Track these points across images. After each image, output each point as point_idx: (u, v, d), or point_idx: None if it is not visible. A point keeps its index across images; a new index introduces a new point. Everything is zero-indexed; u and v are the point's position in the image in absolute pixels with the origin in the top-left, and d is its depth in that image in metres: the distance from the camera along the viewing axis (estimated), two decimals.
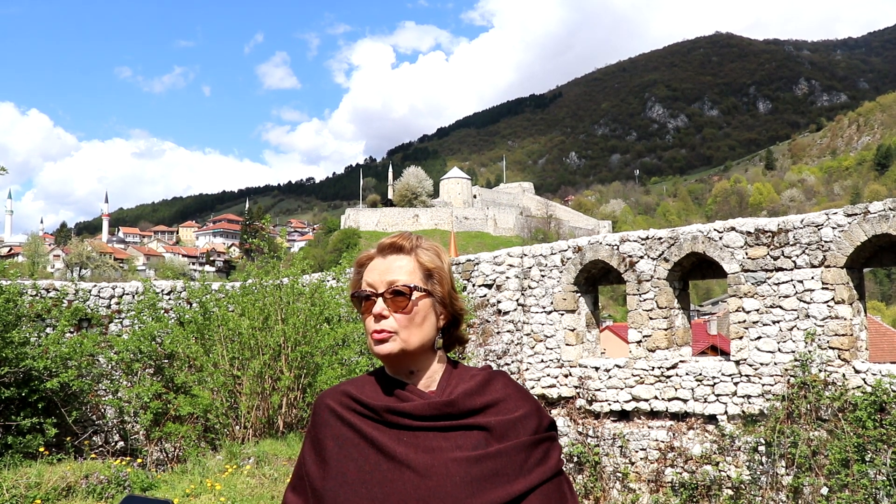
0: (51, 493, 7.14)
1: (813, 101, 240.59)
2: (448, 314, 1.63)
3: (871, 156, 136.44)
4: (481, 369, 1.63)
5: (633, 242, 9.26)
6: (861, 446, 7.16)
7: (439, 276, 1.61)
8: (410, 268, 1.59)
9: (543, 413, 1.57)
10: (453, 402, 1.52)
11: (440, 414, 1.50)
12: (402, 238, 1.63)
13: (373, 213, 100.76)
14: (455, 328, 1.67)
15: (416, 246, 1.62)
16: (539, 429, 1.53)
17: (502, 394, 1.56)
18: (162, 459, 9.86)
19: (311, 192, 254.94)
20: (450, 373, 1.61)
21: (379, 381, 1.60)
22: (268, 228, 73.80)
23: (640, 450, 8.90)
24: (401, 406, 1.52)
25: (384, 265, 1.59)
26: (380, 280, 1.57)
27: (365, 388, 1.59)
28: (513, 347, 10.23)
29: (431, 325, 1.59)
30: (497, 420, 1.50)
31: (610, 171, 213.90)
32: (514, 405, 1.54)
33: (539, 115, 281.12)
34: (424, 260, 1.61)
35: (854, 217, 7.61)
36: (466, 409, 1.52)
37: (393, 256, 1.61)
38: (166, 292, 12.03)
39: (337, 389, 1.62)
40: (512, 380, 1.62)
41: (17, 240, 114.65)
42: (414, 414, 1.50)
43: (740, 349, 8.23)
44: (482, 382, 1.57)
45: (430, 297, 1.59)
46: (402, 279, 1.56)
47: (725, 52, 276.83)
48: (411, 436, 1.49)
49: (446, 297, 1.61)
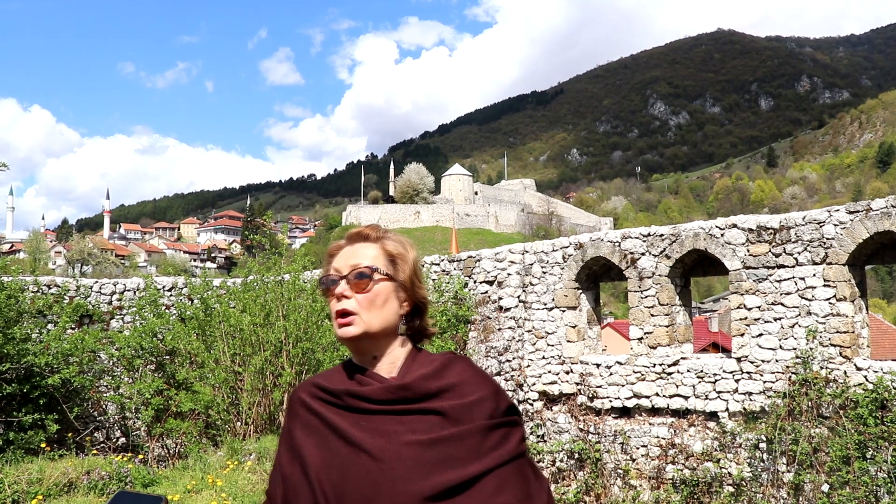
0: (52, 488, 7.15)
1: (815, 99, 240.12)
2: (411, 301, 1.68)
3: (873, 153, 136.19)
4: (442, 354, 1.65)
5: (634, 239, 9.25)
6: (862, 443, 7.15)
7: (402, 262, 1.67)
8: (374, 254, 1.65)
9: (502, 396, 1.58)
10: (408, 385, 1.55)
11: (396, 398, 1.53)
12: (369, 228, 1.71)
13: (374, 210, 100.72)
14: (419, 318, 1.71)
15: (382, 236, 1.70)
16: (496, 412, 1.53)
17: (459, 378, 1.57)
18: (163, 456, 9.88)
19: (313, 188, 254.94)
20: (412, 359, 1.64)
21: (346, 369, 1.65)
22: (269, 225, 73.90)
23: (641, 446, 8.90)
24: (359, 390, 1.56)
25: (350, 252, 1.67)
26: (345, 264, 1.64)
27: (332, 377, 1.64)
28: (514, 344, 10.23)
29: (393, 309, 1.64)
30: (452, 404, 1.52)
31: (611, 168, 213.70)
32: (470, 389, 1.55)
33: (541, 112, 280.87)
34: (389, 247, 1.67)
35: (856, 214, 7.60)
36: (421, 392, 1.54)
37: (360, 244, 1.68)
38: (168, 289, 12.03)
39: (309, 381, 1.69)
40: (472, 364, 1.64)
41: (19, 236, 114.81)
42: (371, 398, 1.54)
43: (742, 346, 8.22)
44: (440, 367, 1.59)
45: (392, 282, 1.64)
46: (365, 262, 1.63)
47: (727, 48, 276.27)
48: (368, 419, 1.52)
49: (408, 283, 1.66)
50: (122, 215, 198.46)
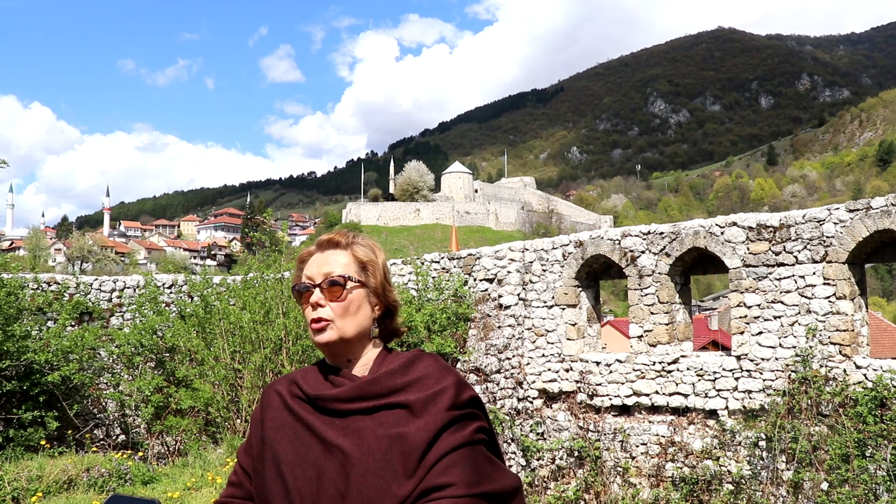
0: (52, 485, 7.16)
1: (815, 97, 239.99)
2: (382, 305, 1.75)
3: (873, 151, 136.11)
4: (410, 352, 1.72)
5: (634, 237, 9.25)
6: (861, 442, 7.16)
7: (373, 268, 1.73)
8: (346, 261, 1.71)
9: (463, 388, 1.62)
10: (375, 380, 1.61)
11: (364, 394, 1.60)
12: (339, 235, 1.76)
13: (374, 208, 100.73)
14: (390, 319, 1.79)
15: (351, 242, 1.75)
16: (456, 402, 1.57)
17: (423, 372, 1.63)
18: (163, 453, 9.88)
19: (313, 186, 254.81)
20: (382, 358, 1.70)
21: (321, 369, 1.71)
22: (269, 222, 73.79)
23: (640, 444, 8.91)
24: (330, 393, 1.62)
25: (322, 259, 1.72)
26: (317, 272, 1.69)
27: (308, 376, 1.70)
28: (514, 342, 10.23)
29: (366, 314, 1.71)
30: (417, 396, 1.57)
31: (611, 166, 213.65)
32: (433, 382, 1.60)
33: (541, 110, 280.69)
34: (359, 254, 1.73)
35: (856, 212, 7.60)
36: (387, 387, 1.60)
37: (330, 251, 1.73)
38: (167, 286, 12.03)
39: (286, 377, 1.75)
40: (437, 359, 1.69)
41: (19, 233, 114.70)
42: (342, 397, 1.60)
43: (741, 344, 8.22)
44: (406, 363, 1.66)
45: (364, 288, 1.71)
46: (338, 271, 1.68)
47: (728, 47, 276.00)
48: (342, 420, 1.59)
49: (379, 288, 1.73)
50: (123, 213, 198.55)
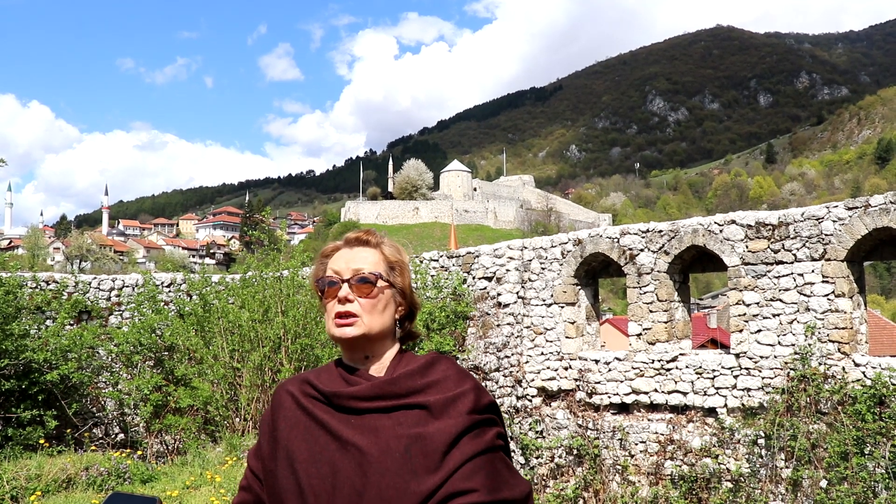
0: (51, 484, 7.15)
1: (814, 95, 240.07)
2: (406, 306, 1.77)
3: (871, 149, 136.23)
4: (427, 354, 1.73)
5: (633, 235, 9.25)
6: (860, 439, 7.16)
7: (400, 269, 1.75)
8: (375, 259, 1.73)
9: (482, 393, 1.64)
10: (394, 380, 1.62)
11: (383, 394, 1.60)
12: (368, 234, 1.78)
13: (373, 206, 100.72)
14: (410, 321, 1.80)
15: (380, 241, 1.77)
16: (476, 406, 1.59)
17: (442, 375, 1.64)
18: (162, 451, 9.88)
19: (312, 184, 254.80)
20: (399, 359, 1.71)
21: (336, 368, 1.72)
22: (268, 221, 73.74)
23: (639, 442, 8.91)
24: (347, 390, 1.62)
25: (350, 255, 1.73)
26: (346, 268, 1.70)
27: (322, 376, 1.70)
28: (513, 340, 10.23)
29: (390, 314, 1.72)
30: (436, 398, 1.58)
31: (610, 165, 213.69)
32: (453, 385, 1.62)
33: (540, 108, 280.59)
34: (388, 253, 1.75)
35: (855, 210, 7.60)
36: (406, 388, 1.61)
37: (359, 248, 1.75)
38: (166, 284, 12.02)
39: (298, 377, 1.75)
40: (454, 362, 1.70)
41: (17, 232, 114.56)
42: (359, 395, 1.61)
43: (740, 342, 8.22)
44: (424, 365, 1.67)
45: (391, 288, 1.73)
46: (368, 268, 1.70)
47: (726, 45, 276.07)
48: (358, 418, 1.59)
49: (406, 290, 1.76)
50: (121, 211, 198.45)
